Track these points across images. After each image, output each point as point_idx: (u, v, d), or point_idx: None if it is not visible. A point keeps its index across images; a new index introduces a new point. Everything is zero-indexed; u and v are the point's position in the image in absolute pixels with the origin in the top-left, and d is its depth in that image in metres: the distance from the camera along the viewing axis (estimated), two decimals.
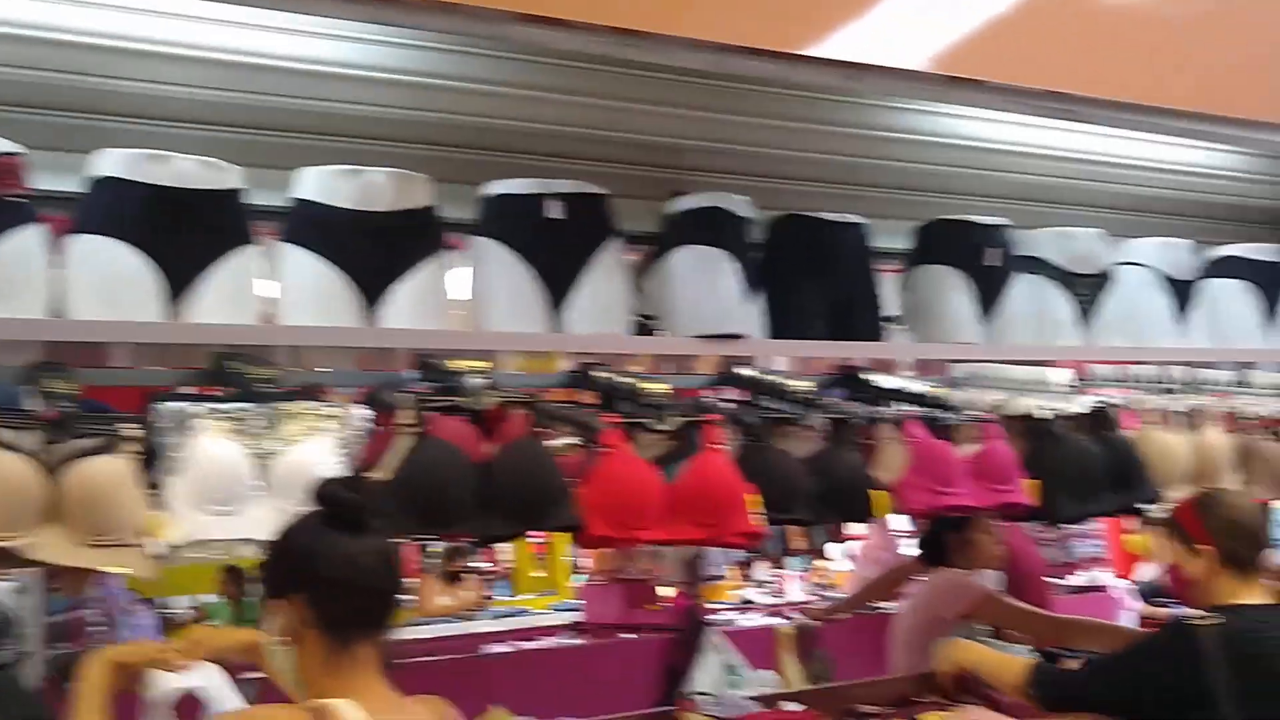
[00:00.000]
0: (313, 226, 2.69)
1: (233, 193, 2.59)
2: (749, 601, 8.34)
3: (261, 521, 2.23)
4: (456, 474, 2.36)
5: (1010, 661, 3.10)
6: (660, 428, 2.74)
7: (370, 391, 2.52)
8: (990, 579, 3.96)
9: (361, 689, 1.85)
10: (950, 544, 3.91)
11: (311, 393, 2.49)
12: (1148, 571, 7.03)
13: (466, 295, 2.92)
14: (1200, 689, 2.70)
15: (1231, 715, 2.67)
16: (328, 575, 1.86)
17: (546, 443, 2.58)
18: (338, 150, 2.94)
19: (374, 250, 2.71)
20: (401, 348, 2.76)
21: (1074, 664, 3.28)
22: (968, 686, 3.29)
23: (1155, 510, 3.55)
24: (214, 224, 2.52)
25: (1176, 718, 2.79)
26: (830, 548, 10.26)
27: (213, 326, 2.45)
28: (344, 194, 2.71)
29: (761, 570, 10.72)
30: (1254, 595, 2.86)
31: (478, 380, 2.51)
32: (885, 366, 3.53)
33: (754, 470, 2.71)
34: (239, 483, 2.30)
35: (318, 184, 2.72)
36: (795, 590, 9.72)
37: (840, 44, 2.61)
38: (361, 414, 2.43)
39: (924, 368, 3.62)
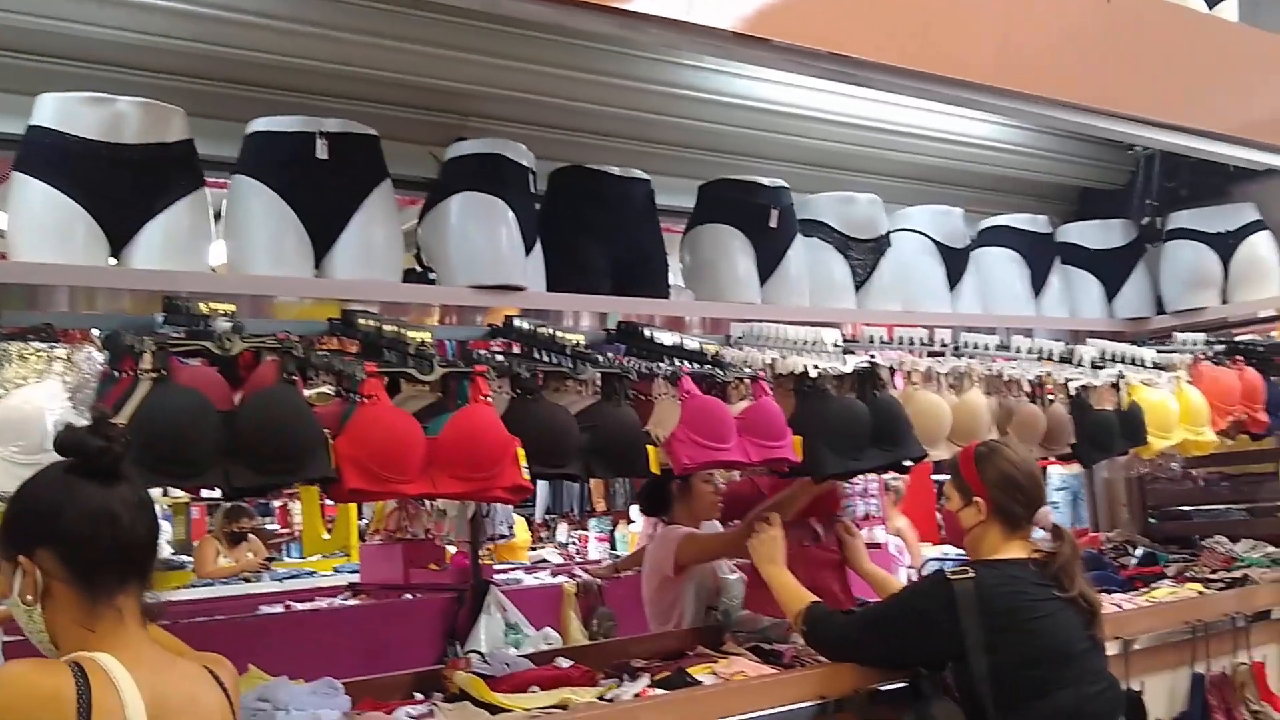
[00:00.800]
0: (52, 157, 2.50)
1: None
2: (543, 560, 8.33)
3: None
4: (198, 421, 2.22)
5: (798, 594, 3.10)
6: (426, 378, 2.65)
7: (109, 335, 2.35)
8: (715, 529, 3.95)
9: (123, 644, 1.74)
10: (672, 494, 3.91)
11: (44, 334, 2.31)
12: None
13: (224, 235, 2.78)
14: (954, 638, 2.79)
15: (980, 662, 2.77)
16: (78, 528, 1.73)
17: (303, 391, 2.46)
18: (83, 76, 2.75)
19: (122, 185, 2.54)
20: (151, 290, 2.59)
21: None
22: None
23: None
24: None
25: (935, 664, 2.89)
26: (634, 509, 10.37)
27: None
28: (89, 123, 2.53)
29: (562, 531, 10.77)
30: (1016, 550, 2.92)
31: (226, 324, 2.37)
32: (675, 324, 3.52)
33: (522, 423, 2.65)
34: None
35: (59, 111, 2.53)
36: (598, 551, 9.78)
37: None
38: (97, 358, 2.27)
39: (704, 325, 3.63)
